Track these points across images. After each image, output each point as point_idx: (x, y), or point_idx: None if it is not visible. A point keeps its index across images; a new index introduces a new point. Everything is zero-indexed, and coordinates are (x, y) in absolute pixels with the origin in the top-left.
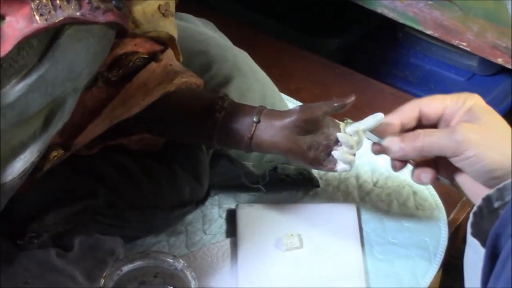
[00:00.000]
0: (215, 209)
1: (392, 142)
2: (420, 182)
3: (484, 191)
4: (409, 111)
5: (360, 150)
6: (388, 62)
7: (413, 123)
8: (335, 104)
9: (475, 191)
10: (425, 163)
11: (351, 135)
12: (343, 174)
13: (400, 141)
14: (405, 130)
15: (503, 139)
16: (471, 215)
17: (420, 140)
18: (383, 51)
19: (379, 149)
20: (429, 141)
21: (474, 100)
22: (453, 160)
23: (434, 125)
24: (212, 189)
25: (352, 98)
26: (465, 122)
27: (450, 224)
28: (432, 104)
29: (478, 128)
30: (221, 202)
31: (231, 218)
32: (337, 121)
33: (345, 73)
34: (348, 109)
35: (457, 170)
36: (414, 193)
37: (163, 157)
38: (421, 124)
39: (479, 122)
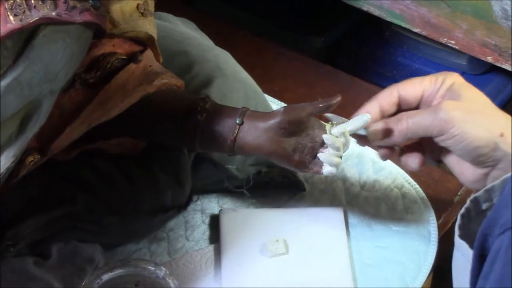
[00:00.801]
0: (198, 215)
1: (376, 129)
2: (409, 167)
3: (471, 170)
4: (387, 96)
5: (346, 152)
6: (375, 61)
7: (393, 109)
8: (320, 105)
9: (463, 171)
10: (411, 148)
11: (337, 137)
12: (329, 177)
13: (383, 127)
14: (386, 117)
15: (487, 115)
16: (458, 217)
17: (403, 123)
18: (369, 49)
19: (364, 140)
20: (413, 122)
21: (453, 78)
22: (439, 140)
23: (415, 109)
24: (194, 194)
25: (337, 98)
26: (448, 100)
27: (440, 227)
28: (410, 87)
29: (462, 104)
30: (204, 207)
31: (215, 223)
32: (322, 122)
33: (330, 73)
34: (334, 109)
35: (443, 151)
36: (403, 196)
37: (143, 160)
38: (401, 109)
39: (461, 98)
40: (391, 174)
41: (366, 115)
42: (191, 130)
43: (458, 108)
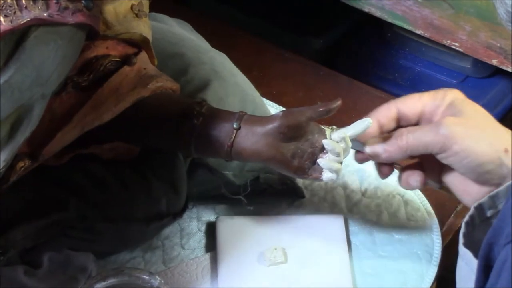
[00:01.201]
0: (194, 222)
1: (375, 145)
2: (409, 187)
3: (475, 189)
4: (385, 111)
5: (347, 157)
6: (376, 63)
7: (391, 125)
8: (320, 109)
9: (466, 190)
10: (412, 167)
11: (337, 142)
12: (329, 183)
13: (383, 143)
14: (384, 133)
15: (489, 130)
16: (462, 225)
17: (404, 139)
18: (370, 51)
19: (362, 157)
20: (414, 138)
21: (453, 95)
22: (441, 157)
23: (415, 125)
24: (190, 201)
25: (338, 102)
26: (450, 116)
27: (443, 235)
28: (409, 103)
29: (464, 121)
30: (200, 215)
31: (211, 231)
32: (322, 127)
33: (330, 75)
34: (334, 114)
35: (445, 170)
36: (405, 203)
37: (137, 166)
38: (399, 126)
39: (463, 115)
40: (394, 180)
41: (368, 120)
42: (186, 134)
43: (460, 124)
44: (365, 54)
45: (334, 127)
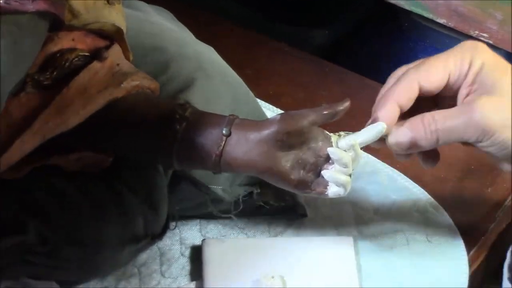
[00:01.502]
0: (176, 246)
1: (400, 134)
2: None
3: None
4: (406, 92)
5: (357, 169)
6: (390, 58)
7: (410, 104)
8: (325, 112)
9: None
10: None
11: (345, 151)
12: (336, 199)
13: (410, 133)
14: (403, 114)
15: None
16: (508, 255)
17: (432, 128)
18: (383, 44)
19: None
20: (444, 129)
21: (482, 58)
22: (477, 145)
23: (434, 97)
24: (171, 220)
25: (346, 104)
26: (482, 96)
27: (471, 260)
28: (433, 76)
29: (499, 101)
30: (184, 237)
31: (196, 256)
32: (327, 133)
33: (337, 72)
34: (341, 117)
35: None
36: (425, 222)
37: (109, 180)
38: (418, 99)
39: (496, 91)
40: (412, 195)
41: (381, 124)
42: (167, 142)
43: (497, 110)
44: (378, 47)
45: (341, 133)
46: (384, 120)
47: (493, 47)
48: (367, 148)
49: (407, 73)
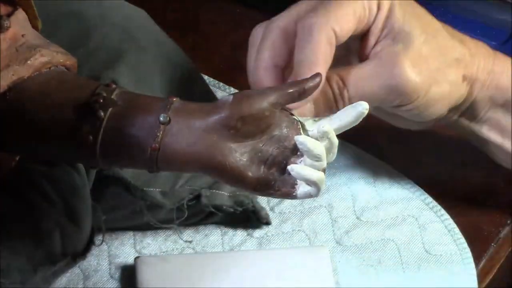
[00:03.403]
0: (104, 266)
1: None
2: None
3: None
4: (327, 45)
5: (332, 162)
6: None
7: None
8: (290, 90)
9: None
10: None
11: (317, 139)
12: (307, 201)
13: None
14: None
15: (445, 63)
16: None
17: (344, 95)
18: None
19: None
20: (360, 95)
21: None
22: (394, 109)
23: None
24: (97, 234)
25: (316, 79)
26: (399, 51)
27: (480, 275)
28: (345, 23)
29: (420, 59)
30: (113, 254)
31: (129, 278)
32: (294, 117)
33: None
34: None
35: None
36: (422, 228)
37: (14, 184)
38: None
39: (413, 42)
40: (404, 193)
41: (362, 105)
42: (88, 134)
43: (418, 70)
44: None
45: (316, 119)
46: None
47: (506, 3)
48: (345, 136)
49: (315, 21)
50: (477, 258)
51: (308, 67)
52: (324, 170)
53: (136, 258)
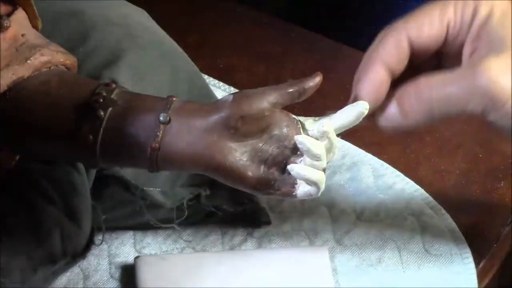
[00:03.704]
0: (104, 265)
1: (387, 108)
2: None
3: None
4: (394, 49)
5: (333, 162)
6: (374, 19)
7: (404, 65)
8: (290, 89)
9: None
10: None
11: (317, 139)
12: (307, 201)
13: (398, 105)
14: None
15: None
16: None
17: (427, 96)
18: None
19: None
20: (442, 96)
21: (489, 5)
22: (485, 118)
23: (436, 59)
24: (97, 233)
25: (317, 79)
26: (490, 57)
27: (480, 275)
28: (426, 27)
29: (509, 62)
30: (113, 254)
31: (129, 278)
32: (294, 116)
33: (305, 38)
34: (312, 96)
35: None
36: (423, 228)
37: (15, 184)
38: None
39: (505, 47)
40: (404, 193)
41: (362, 104)
42: (88, 134)
43: (508, 72)
44: (358, 5)
45: (316, 118)
46: (369, 90)
47: None
48: (345, 135)
49: (393, 27)
50: (477, 258)
51: (363, 67)
52: (324, 170)
53: (136, 258)
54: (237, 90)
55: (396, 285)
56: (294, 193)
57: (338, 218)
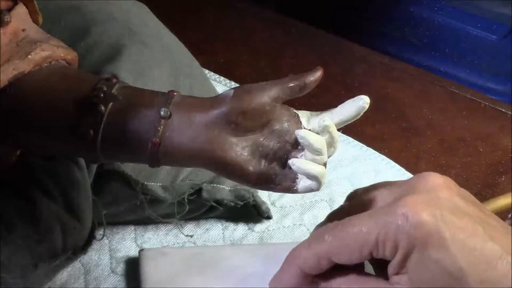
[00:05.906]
0: (105, 260)
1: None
2: None
3: None
4: (313, 262)
5: (334, 156)
6: (376, 13)
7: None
8: (291, 84)
9: None
10: None
11: (318, 133)
12: (308, 196)
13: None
14: None
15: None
16: None
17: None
18: None
19: None
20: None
21: (411, 238)
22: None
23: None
24: (98, 228)
25: (317, 73)
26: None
27: None
28: (346, 255)
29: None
30: (114, 248)
31: (132, 272)
32: (295, 111)
33: (306, 33)
34: (313, 90)
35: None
36: None
37: (15, 180)
38: None
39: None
40: None
41: (362, 98)
42: (89, 129)
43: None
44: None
45: (315, 113)
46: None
47: None
48: (346, 129)
49: (317, 240)
50: None
51: (285, 260)
52: (325, 164)
53: (140, 251)
54: (238, 85)
55: None
56: (295, 188)
57: None
